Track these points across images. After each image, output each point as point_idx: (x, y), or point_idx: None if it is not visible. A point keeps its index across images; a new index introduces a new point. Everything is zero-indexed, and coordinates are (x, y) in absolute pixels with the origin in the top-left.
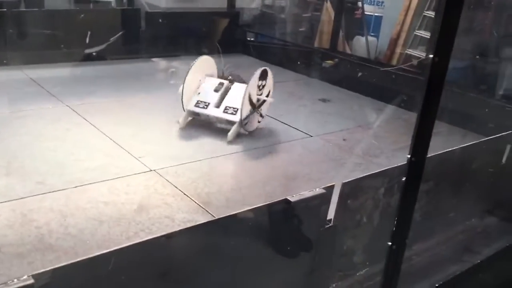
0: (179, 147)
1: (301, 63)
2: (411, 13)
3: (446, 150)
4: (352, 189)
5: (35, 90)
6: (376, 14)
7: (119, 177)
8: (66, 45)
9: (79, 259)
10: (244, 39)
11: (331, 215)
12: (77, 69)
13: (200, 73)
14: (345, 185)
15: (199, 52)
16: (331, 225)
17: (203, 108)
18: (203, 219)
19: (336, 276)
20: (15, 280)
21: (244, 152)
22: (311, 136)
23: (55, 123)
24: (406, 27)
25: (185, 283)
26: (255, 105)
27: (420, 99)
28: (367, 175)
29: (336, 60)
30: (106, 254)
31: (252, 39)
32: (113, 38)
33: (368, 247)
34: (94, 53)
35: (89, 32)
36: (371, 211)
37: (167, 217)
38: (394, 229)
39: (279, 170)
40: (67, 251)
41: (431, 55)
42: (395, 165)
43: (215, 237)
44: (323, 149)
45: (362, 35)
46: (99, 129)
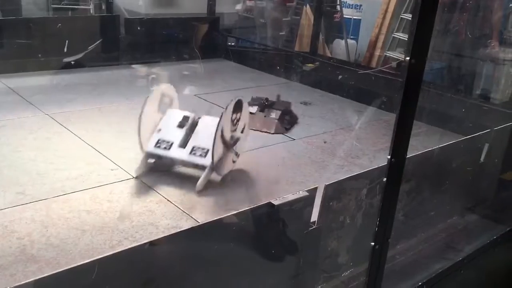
0: None
1: (282, 67)
2: (388, 16)
3: (426, 150)
4: (334, 191)
5: (13, 99)
6: (354, 17)
7: (101, 185)
8: (44, 53)
9: (61, 270)
10: (224, 44)
11: (314, 217)
12: (56, 77)
13: (159, 104)
14: (328, 187)
15: (179, 57)
16: (315, 227)
17: (165, 149)
18: (188, 225)
19: (321, 277)
20: None
21: None
22: (293, 139)
23: (35, 132)
24: (384, 29)
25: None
26: (229, 144)
27: (399, 100)
28: (349, 176)
29: (316, 63)
30: (88, 263)
31: (232, 44)
32: (91, 46)
33: (352, 248)
34: (72, 62)
35: (68, 40)
36: (354, 212)
37: (151, 224)
38: (376, 229)
39: (262, 174)
40: (49, 261)
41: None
42: (376, 166)
43: (199, 242)
44: (306, 152)
45: (341, 38)
46: (80, 138)
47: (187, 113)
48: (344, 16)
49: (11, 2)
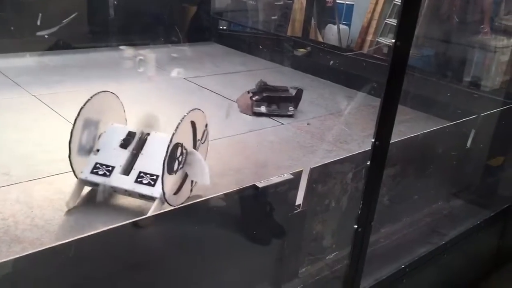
0: None
1: (273, 51)
2: (381, 1)
3: (412, 134)
4: (320, 174)
5: None
6: (347, 2)
7: None
8: (29, 33)
9: (41, 248)
10: (215, 28)
11: (299, 200)
12: (44, 58)
13: (97, 117)
14: (313, 170)
15: (169, 40)
16: (300, 210)
17: (104, 175)
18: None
19: (305, 260)
20: None
21: (213, 141)
22: (282, 124)
23: (21, 114)
24: (376, 15)
25: (151, 270)
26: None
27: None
28: (334, 160)
29: (308, 48)
30: (69, 243)
31: (224, 28)
32: (65, 20)
33: (336, 231)
34: (46, 35)
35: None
36: (339, 195)
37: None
38: (359, 212)
39: (251, 158)
40: (33, 242)
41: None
42: (362, 151)
43: (182, 224)
44: (295, 136)
45: (334, 24)
46: (67, 119)
47: (132, 129)
48: (336, 1)
49: None
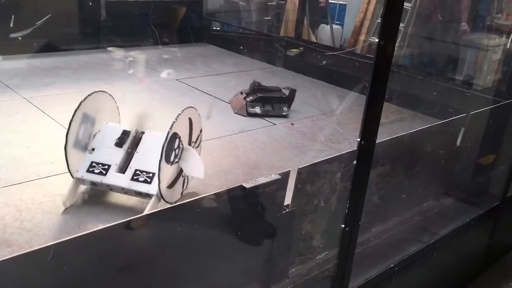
0: None
1: (266, 52)
2: (373, 1)
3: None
4: (308, 174)
5: None
6: (340, 2)
7: None
8: (23, 36)
9: (26, 251)
10: (208, 29)
11: (288, 200)
12: (35, 60)
13: (94, 115)
14: (301, 170)
15: (161, 41)
16: (288, 210)
17: (100, 174)
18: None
19: (295, 260)
20: None
21: (205, 142)
22: (274, 124)
23: (12, 116)
24: (369, 15)
25: (139, 270)
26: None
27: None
28: (322, 160)
29: (300, 48)
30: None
31: (216, 28)
32: (39, 22)
33: (325, 231)
34: (19, 38)
35: (48, 22)
36: (328, 195)
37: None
38: (346, 211)
39: (242, 158)
40: (22, 245)
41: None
42: (349, 150)
43: (170, 225)
44: (287, 137)
45: (326, 24)
46: (57, 122)
47: (127, 128)
48: (329, 1)
49: None
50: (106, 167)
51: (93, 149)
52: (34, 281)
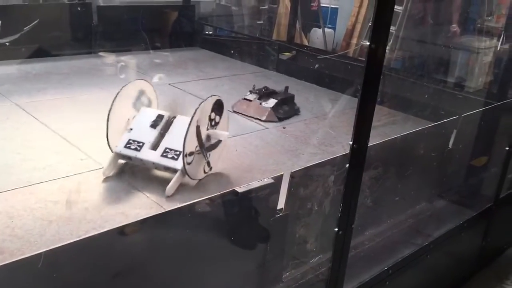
0: None
1: (258, 55)
2: (365, 4)
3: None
4: (301, 178)
5: None
6: (332, 6)
7: (69, 176)
8: (13, 42)
9: (21, 257)
10: (201, 33)
11: (281, 204)
12: (26, 66)
13: (132, 102)
14: (294, 174)
15: (153, 46)
16: (281, 214)
17: (135, 150)
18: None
19: (289, 264)
20: None
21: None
22: (267, 128)
23: (3, 122)
24: (361, 18)
25: (132, 275)
26: (203, 145)
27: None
28: (315, 163)
29: (293, 52)
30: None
31: (209, 33)
32: (27, 27)
33: (319, 234)
34: (7, 43)
35: (39, 27)
36: (320, 199)
37: (122, 213)
38: (339, 215)
39: (235, 162)
40: (14, 252)
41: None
42: (341, 154)
43: (163, 230)
44: (280, 140)
45: (319, 27)
46: (49, 127)
47: (162, 112)
48: (321, 4)
49: None
50: (141, 144)
51: (131, 129)
52: None
